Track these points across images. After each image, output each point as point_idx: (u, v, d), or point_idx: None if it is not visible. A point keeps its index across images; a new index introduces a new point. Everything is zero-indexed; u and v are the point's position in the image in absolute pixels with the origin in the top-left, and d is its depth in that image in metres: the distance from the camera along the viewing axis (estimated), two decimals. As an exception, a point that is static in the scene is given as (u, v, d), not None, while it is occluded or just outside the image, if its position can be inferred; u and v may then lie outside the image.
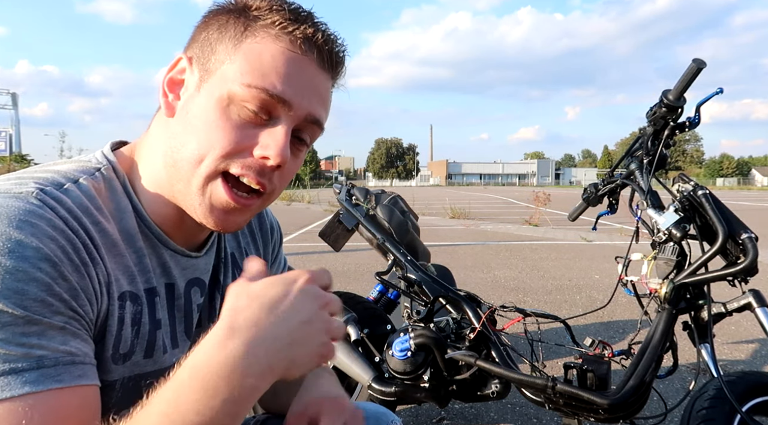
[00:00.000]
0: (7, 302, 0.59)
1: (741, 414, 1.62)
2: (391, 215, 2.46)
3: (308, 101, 0.77)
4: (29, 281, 0.61)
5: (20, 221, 0.63)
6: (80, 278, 0.66)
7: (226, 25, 0.77)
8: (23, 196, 0.66)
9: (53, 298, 0.62)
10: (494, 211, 18.12)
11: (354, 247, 7.35)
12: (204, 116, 0.75)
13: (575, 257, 7.58)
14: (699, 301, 1.84)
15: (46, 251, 0.63)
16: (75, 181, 0.74)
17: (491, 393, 2.03)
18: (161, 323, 0.82)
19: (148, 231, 0.80)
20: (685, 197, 1.84)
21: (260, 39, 0.75)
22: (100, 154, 0.82)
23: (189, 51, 0.80)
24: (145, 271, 0.79)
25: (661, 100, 1.90)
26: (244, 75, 0.73)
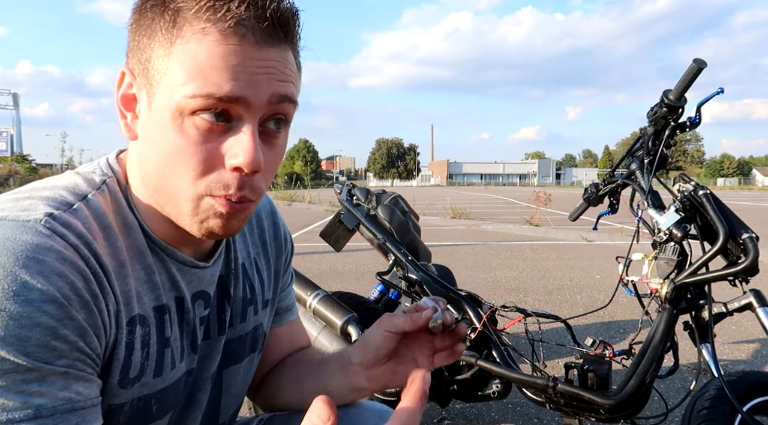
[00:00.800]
0: (10, 349, 0.58)
1: (742, 414, 1.62)
2: (392, 215, 2.46)
3: (265, 87, 0.69)
4: (33, 326, 0.59)
5: (27, 257, 0.60)
6: (88, 315, 0.64)
7: (152, 26, 0.69)
8: (32, 224, 0.64)
9: (58, 341, 0.61)
10: (495, 211, 18.12)
11: (355, 247, 7.35)
12: (164, 138, 0.69)
13: (576, 257, 7.58)
14: (700, 301, 1.84)
15: (52, 291, 0.60)
16: (84, 197, 0.72)
17: (492, 392, 2.03)
18: (169, 340, 0.80)
19: (155, 246, 0.78)
20: (685, 197, 1.84)
21: (189, 37, 0.67)
22: (105, 162, 0.80)
23: (129, 61, 0.73)
24: (154, 288, 0.77)
25: (662, 100, 1.90)
26: (185, 85, 0.66)
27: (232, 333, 0.94)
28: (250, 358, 0.99)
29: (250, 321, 0.97)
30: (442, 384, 2.05)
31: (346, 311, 2.19)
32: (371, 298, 2.55)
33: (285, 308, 1.12)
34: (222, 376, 0.94)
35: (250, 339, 0.98)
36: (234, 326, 0.94)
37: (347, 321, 2.17)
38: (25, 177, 38.14)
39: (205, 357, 0.89)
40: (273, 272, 1.05)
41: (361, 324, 2.21)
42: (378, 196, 2.57)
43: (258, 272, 1.00)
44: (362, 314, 2.28)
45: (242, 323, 0.95)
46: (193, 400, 0.88)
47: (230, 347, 0.94)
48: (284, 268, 1.09)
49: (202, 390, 0.90)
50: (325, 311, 2.16)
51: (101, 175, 0.77)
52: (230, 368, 0.95)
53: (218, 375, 0.93)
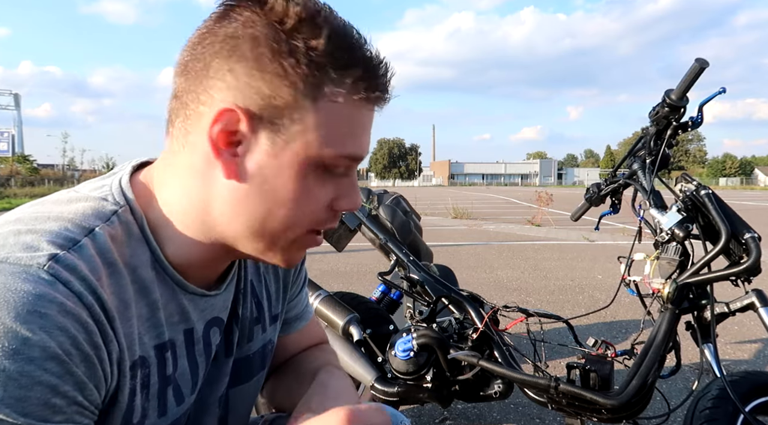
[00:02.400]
0: (9, 410, 0.56)
1: (744, 414, 1.62)
2: (394, 215, 2.46)
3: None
4: (33, 386, 0.57)
5: (28, 312, 0.58)
6: (88, 368, 0.62)
7: (284, 74, 0.66)
8: (33, 271, 0.60)
9: (57, 398, 0.59)
10: (497, 211, 18.11)
11: (356, 247, 7.35)
12: (288, 186, 0.71)
13: (578, 257, 7.57)
14: (702, 301, 1.83)
15: (53, 348, 0.58)
16: (90, 231, 0.68)
17: (494, 393, 2.03)
18: (171, 378, 0.77)
19: (166, 277, 0.75)
20: (687, 196, 1.84)
21: (339, 100, 0.69)
22: (117, 187, 0.74)
23: (236, 97, 0.68)
24: (156, 326, 0.74)
25: (664, 100, 1.90)
26: (331, 144, 0.70)
27: (239, 354, 0.91)
28: (258, 377, 0.98)
29: (257, 339, 0.95)
30: (444, 385, 2.04)
31: (347, 311, 2.19)
32: (373, 298, 2.55)
33: (294, 317, 1.09)
34: (229, 397, 0.93)
35: (258, 357, 0.96)
36: (241, 346, 0.92)
37: (349, 321, 2.17)
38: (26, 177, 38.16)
39: (212, 379, 0.87)
40: (282, 285, 1.02)
41: (363, 324, 2.21)
42: (380, 196, 2.57)
43: (266, 287, 0.98)
44: (364, 314, 2.27)
45: (249, 342, 0.93)
46: (200, 423, 0.87)
47: (237, 367, 0.92)
48: (293, 277, 1.06)
49: (208, 413, 0.88)
50: (327, 312, 2.16)
51: (113, 204, 0.72)
52: (237, 388, 0.93)
53: (225, 396, 0.91)
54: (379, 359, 2.12)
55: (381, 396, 2.03)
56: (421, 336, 1.97)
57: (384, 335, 2.23)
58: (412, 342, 1.97)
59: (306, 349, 1.12)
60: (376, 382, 2.04)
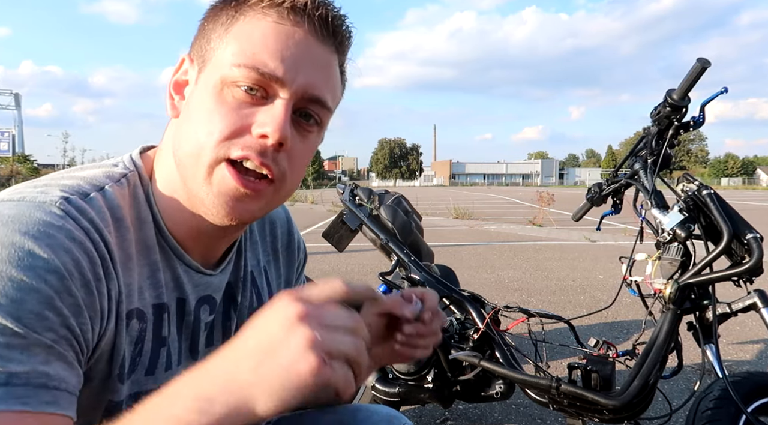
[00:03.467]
0: (1, 310, 0.57)
1: (746, 415, 1.61)
2: (395, 215, 2.46)
3: (304, 76, 0.72)
4: (30, 291, 0.59)
5: (38, 231, 0.62)
6: (87, 294, 0.64)
7: (219, 14, 0.75)
8: (46, 206, 0.65)
9: (51, 312, 0.60)
10: (498, 211, 18.12)
11: (358, 247, 7.36)
12: (201, 105, 0.73)
13: (579, 257, 7.57)
14: (704, 301, 1.83)
15: (56, 263, 0.61)
16: (100, 188, 0.73)
17: (495, 393, 2.03)
18: (166, 340, 0.80)
19: (164, 243, 0.78)
20: (689, 196, 1.84)
21: (249, 18, 0.73)
22: (128, 158, 0.81)
23: (191, 50, 0.79)
24: (156, 285, 0.77)
25: (666, 99, 1.89)
26: (234, 56, 0.71)
27: None
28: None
29: None
30: (445, 385, 2.04)
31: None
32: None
33: None
34: None
35: None
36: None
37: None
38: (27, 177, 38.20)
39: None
40: (283, 281, 1.04)
41: (364, 324, 2.20)
42: (381, 196, 2.57)
43: (267, 281, 0.99)
44: (365, 314, 2.27)
45: None
46: None
47: None
48: (296, 276, 1.07)
49: None
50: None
51: (123, 168, 0.78)
52: None
53: None
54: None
55: (382, 397, 2.03)
56: (422, 336, 1.97)
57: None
58: (413, 343, 1.96)
59: None
60: (377, 382, 2.04)
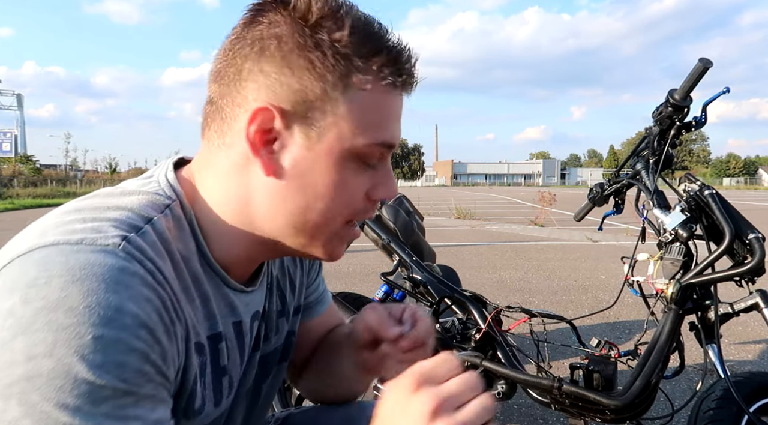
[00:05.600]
0: (109, 376, 0.57)
1: (748, 415, 1.61)
2: (397, 215, 2.46)
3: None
4: (129, 352, 0.59)
5: (116, 283, 0.60)
6: (168, 340, 0.65)
7: (312, 68, 0.69)
8: (111, 249, 0.63)
9: (148, 365, 0.61)
10: (499, 211, 18.11)
11: (359, 247, 7.36)
12: (326, 178, 0.72)
13: (581, 257, 7.57)
14: (706, 301, 1.83)
15: (143, 317, 0.61)
16: (150, 220, 0.70)
17: (497, 393, 2.03)
18: (226, 369, 0.80)
19: (212, 272, 0.77)
20: (691, 196, 1.83)
21: (367, 87, 0.70)
22: (165, 182, 0.77)
23: (274, 97, 0.70)
24: (210, 316, 0.77)
25: (668, 99, 1.89)
26: (364, 133, 0.71)
27: (267, 347, 0.93)
28: (279, 367, 0.99)
29: (282, 332, 0.97)
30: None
31: (350, 312, 2.19)
32: (376, 299, 2.55)
33: (315, 301, 1.10)
34: (260, 391, 0.95)
35: (282, 348, 0.98)
36: (269, 339, 0.93)
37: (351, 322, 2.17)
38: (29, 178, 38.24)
39: (244, 374, 0.89)
40: (305, 274, 1.05)
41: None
42: (382, 196, 2.57)
43: (290, 280, 0.99)
44: (367, 314, 2.27)
45: (276, 335, 0.95)
46: (231, 418, 0.88)
47: (265, 360, 0.93)
48: (316, 271, 1.09)
49: (239, 405, 0.90)
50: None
51: (165, 198, 0.75)
52: (265, 381, 0.95)
53: (255, 389, 0.93)
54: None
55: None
56: (424, 336, 1.97)
57: (387, 335, 2.23)
58: (415, 343, 1.97)
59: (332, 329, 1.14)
60: (379, 382, 2.04)
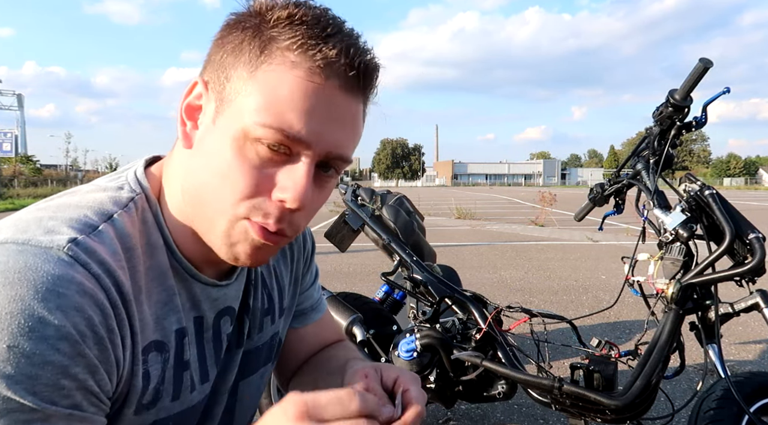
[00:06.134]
0: (18, 388, 0.56)
1: (749, 415, 1.61)
2: (397, 215, 2.46)
3: (330, 136, 0.69)
4: (44, 364, 0.57)
5: (47, 290, 0.59)
6: (101, 351, 0.62)
7: (240, 47, 0.69)
8: (53, 252, 0.61)
9: (67, 380, 0.59)
10: (500, 211, 18.11)
11: (360, 247, 7.36)
12: (220, 154, 0.69)
13: (581, 257, 7.57)
14: (706, 301, 1.83)
15: (68, 328, 0.59)
16: (109, 217, 0.69)
17: (497, 393, 2.03)
18: (188, 363, 0.78)
19: (178, 265, 0.76)
20: (691, 196, 1.83)
21: (276, 65, 0.67)
22: (133, 177, 0.77)
23: (205, 73, 0.73)
24: (174, 311, 0.75)
25: (668, 99, 1.89)
26: (259, 112, 0.66)
27: (250, 345, 0.92)
28: (264, 369, 0.98)
29: (267, 331, 0.96)
30: (447, 385, 2.04)
31: (351, 311, 2.19)
32: (376, 299, 2.55)
33: (310, 308, 1.09)
34: (238, 388, 0.93)
35: (266, 349, 0.97)
36: (252, 337, 0.92)
37: (352, 322, 2.17)
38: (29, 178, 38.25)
39: (224, 370, 0.88)
40: (293, 278, 1.03)
41: (366, 324, 2.21)
42: (383, 196, 2.57)
43: (277, 280, 0.98)
44: (367, 315, 2.28)
45: (259, 333, 0.94)
46: (210, 415, 0.87)
47: (247, 358, 0.93)
48: (305, 268, 1.06)
49: (218, 403, 0.89)
50: (330, 312, 2.16)
51: (129, 191, 0.75)
52: (246, 379, 0.94)
53: (234, 387, 0.92)
54: (383, 359, 2.12)
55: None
56: (424, 336, 1.97)
57: (387, 335, 2.23)
58: (415, 343, 1.97)
59: (328, 345, 1.12)
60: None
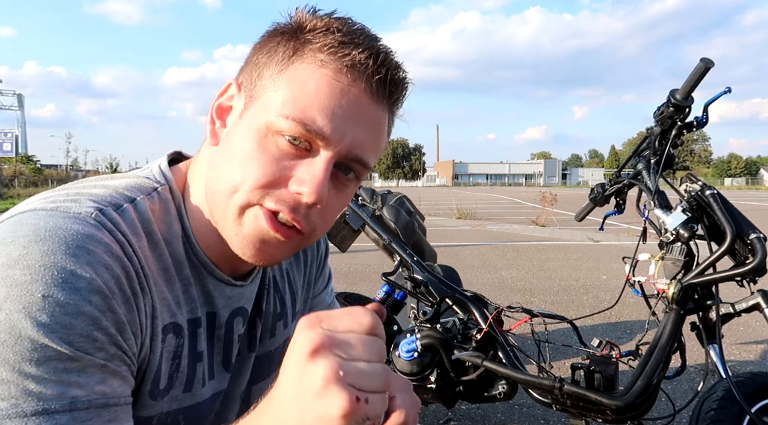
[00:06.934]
0: (54, 336, 0.57)
1: (750, 415, 1.61)
2: (398, 215, 2.46)
3: (351, 137, 0.69)
4: (78, 314, 0.59)
5: (77, 247, 0.61)
6: (128, 311, 0.65)
7: (275, 48, 0.72)
8: (82, 217, 0.64)
9: (99, 332, 0.61)
10: (501, 211, 18.10)
11: (360, 248, 7.35)
12: (242, 145, 0.70)
13: (582, 257, 7.56)
14: (707, 301, 1.83)
15: (99, 282, 0.61)
16: (132, 200, 0.72)
17: (498, 393, 2.02)
18: (202, 355, 0.79)
19: (195, 259, 0.77)
20: (692, 197, 1.83)
21: (306, 65, 0.69)
22: (158, 170, 0.79)
23: (240, 76, 0.76)
24: (190, 301, 0.77)
25: (669, 99, 1.89)
26: (285, 105, 0.68)
27: (262, 349, 0.92)
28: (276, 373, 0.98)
29: (279, 335, 0.95)
30: (448, 385, 2.04)
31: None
32: (377, 299, 2.55)
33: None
34: (251, 393, 0.93)
35: (279, 354, 0.96)
36: (264, 342, 0.93)
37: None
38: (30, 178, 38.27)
39: (236, 374, 0.88)
40: (305, 282, 1.03)
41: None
42: (383, 196, 2.57)
43: (290, 284, 0.98)
44: (368, 314, 2.27)
45: (271, 338, 0.94)
46: (222, 419, 0.87)
47: (260, 363, 0.93)
48: (317, 273, 1.07)
49: (231, 409, 0.89)
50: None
51: (154, 182, 0.77)
52: (259, 384, 0.94)
53: (247, 392, 0.92)
54: (383, 359, 2.12)
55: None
56: (425, 336, 1.97)
57: (388, 335, 2.23)
58: (416, 343, 1.97)
59: None
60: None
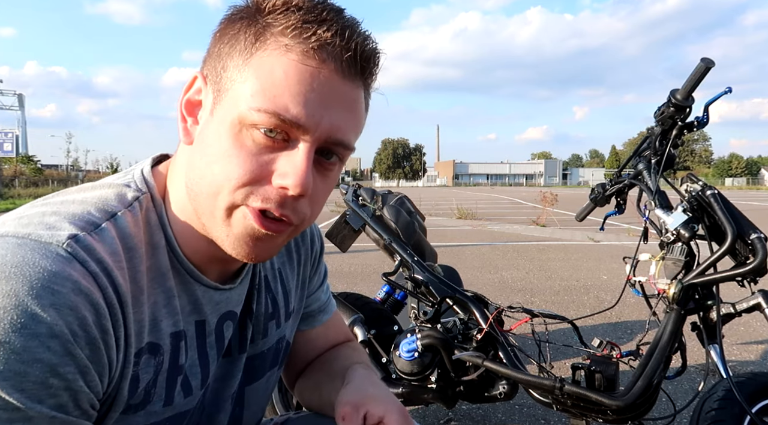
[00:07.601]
0: (5, 384, 0.55)
1: (750, 416, 1.61)
2: (398, 215, 2.46)
3: (328, 120, 0.67)
4: (33, 362, 0.56)
5: (42, 287, 0.58)
6: (93, 352, 0.61)
7: (236, 36, 0.68)
8: (53, 248, 0.61)
9: (55, 378, 0.58)
10: (501, 211, 18.09)
11: (361, 248, 7.36)
12: (218, 144, 0.68)
13: (583, 257, 7.56)
14: (708, 301, 1.83)
15: (60, 326, 0.58)
16: (112, 215, 0.69)
17: (499, 394, 2.02)
18: (183, 368, 0.77)
19: (180, 267, 0.75)
20: (693, 197, 1.83)
21: (270, 51, 0.66)
22: (140, 175, 0.76)
23: (204, 68, 0.72)
24: (172, 313, 0.74)
25: (669, 99, 1.89)
26: (254, 97, 0.65)
27: (253, 350, 0.91)
28: (270, 373, 0.97)
29: (272, 335, 0.94)
30: (449, 385, 2.04)
31: (352, 312, 2.19)
32: (377, 299, 2.55)
33: (318, 310, 1.08)
34: (244, 394, 0.92)
35: (272, 353, 0.95)
36: (255, 342, 0.91)
37: (353, 322, 2.17)
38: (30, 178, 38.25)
39: (225, 375, 0.87)
40: (300, 281, 1.01)
41: (367, 324, 2.21)
42: (384, 196, 2.57)
43: (282, 284, 0.96)
44: (368, 315, 2.27)
45: (264, 338, 0.92)
46: (213, 421, 0.86)
47: (252, 364, 0.91)
48: (312, 270, 1.05)
49: (222, 410, 0.87)
50: (335, 312, 2.16)
51: (135, 191, 0.74)
52: (252, 385, 0.93)
53: (239, 393, 0.91)
54: (384, 360, 2.12)
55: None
56: (425, 336, 1.97)
57: (388, 335, 2.23)
58: (416, 343, 1.97)
59: (336, 346, 1.11)
60: (381, 383, 2.04)
